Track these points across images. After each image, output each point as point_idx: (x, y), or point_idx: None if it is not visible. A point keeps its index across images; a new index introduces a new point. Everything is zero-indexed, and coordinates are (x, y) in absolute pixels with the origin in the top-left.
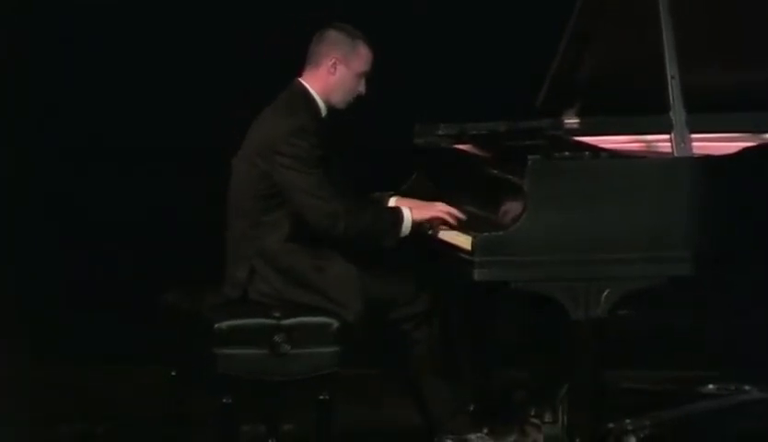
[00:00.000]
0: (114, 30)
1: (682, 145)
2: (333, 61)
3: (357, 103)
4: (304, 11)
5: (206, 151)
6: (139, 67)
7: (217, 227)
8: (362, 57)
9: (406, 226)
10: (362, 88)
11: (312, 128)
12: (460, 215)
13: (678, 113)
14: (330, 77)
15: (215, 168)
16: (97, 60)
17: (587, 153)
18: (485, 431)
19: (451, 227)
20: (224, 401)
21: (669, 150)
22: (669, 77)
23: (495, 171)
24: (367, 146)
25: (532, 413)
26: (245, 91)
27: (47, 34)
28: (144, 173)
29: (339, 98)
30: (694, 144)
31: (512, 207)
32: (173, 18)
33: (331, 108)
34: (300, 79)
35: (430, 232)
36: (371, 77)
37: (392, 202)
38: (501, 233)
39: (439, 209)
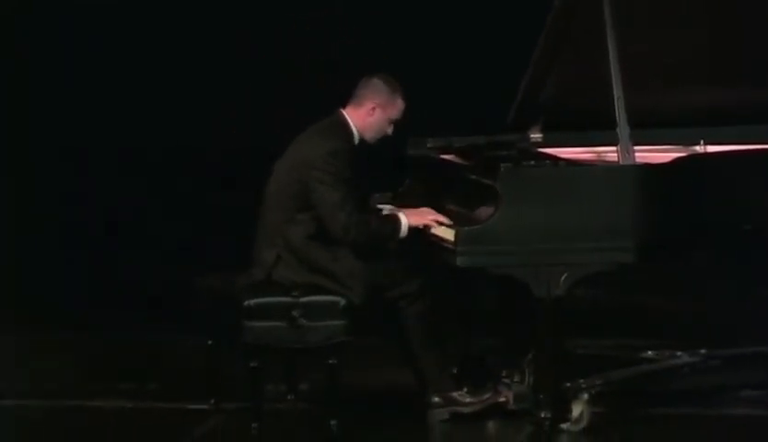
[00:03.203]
0: (114, 30)
1: (627, 155)
2: (373, 106)
3: None
4: (304, 11)
5: (223, 152)
6: (165, 70)
7: (240, 222)
8: (397, 108)
9: (404, 231)
10: (390, 130)
11: (345, 153)
12: (445, 220)
13: (623, 129)
14: (368, 118)
15: (237, 168)
16: (99, 60)
17: (548, 162)
18: (465, 390)
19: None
20: (251, 365)
21: (616, 159)
22: (615, 98)
23: (474, 177)
24: (369, 155)
25: (504, 375)
26: (251, 91)
27: (47, 34)
28: (178, 174)
29: (370, 136)
30: (637, 154)
31: (488, 206)
32: (173, 18)
33: (362, 139)
34: (343, 111)
35: (421, 226)
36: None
37: (387, 209)
38: (479, 227)
39: (429, 218)
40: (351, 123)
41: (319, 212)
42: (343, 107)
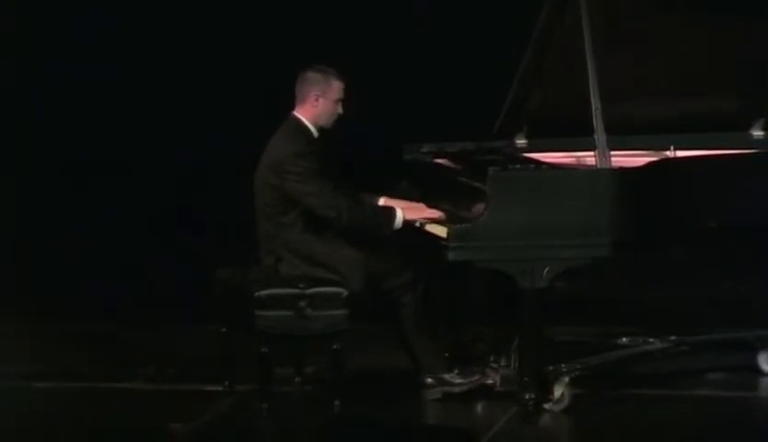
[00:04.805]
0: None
1: (604, 159)
2: (315, 97)
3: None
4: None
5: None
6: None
7: (250, 224)
8: (335, 89)
9: (398, 223)
10: (340, 110)
11: (308, 150)
12: (441, 216)
13: (600, 135)
14: (314, 109)
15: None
16: (106, 60)
17: (532, 165)
18: (456, 372)
19: (435, 221)
20: (262, 350)
21: (594, 163)
22: (593, 108)
23: (465, 179)
24: (370, 160)
25: (492, 359)
26: (254, 95)
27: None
28: (200, 177)
29: (324, 122)
30: (613, 158)
31: (477, 206)
32: (179, 22)
33: (320, 128)
34: (294, 112)
35: (417, 225)
36: (348, 100)
37: (381, 201)
38: (469, 225)
39: (425, 214)
40: (304, 120)
41: (306, 205)
42: (293, 108)
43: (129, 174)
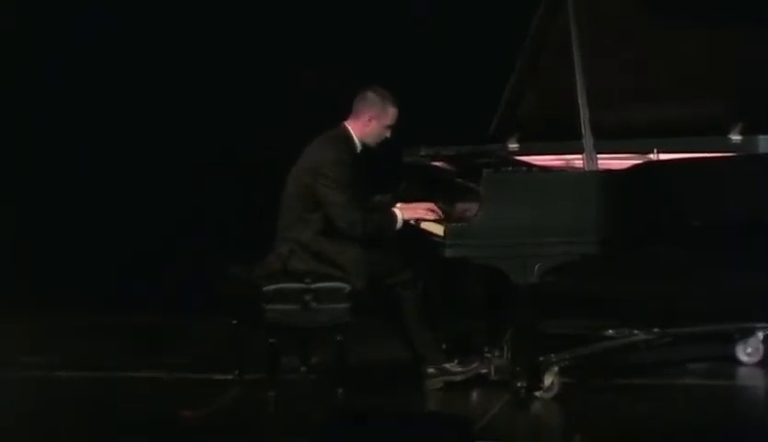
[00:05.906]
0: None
1: (591, 162)
2: (369, 117)
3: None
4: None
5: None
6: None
7: (258, 222)
8: (389, 115)
9: (399, 224)
10: (388, 134)
11: (348, 160)
12: (438, 212)
13: (587, 139)
14: (365, 128)
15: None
16: (118, 56)
17: (524, 168)
18: (456, 362)
19: (432, 220)
20: (270, 341)
21: (582, 166)
22: (581, 116)
23: (461, 180)
24: (371, 162)
25: (486, 350)
26: (257, 100)
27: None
28: (211, 181)
29: (370, 141)
30: (600, 161)
31: (472, 206)
32: (193, 29)
33: (364, 145)
34: (345, 123)
35: (412, 222)
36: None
37: (398, 206)
38: (464, 224)
39: (422, 209)
40: (352, 133)
41: (327, 211)
42: (345, 119)
43: (129, 173)
